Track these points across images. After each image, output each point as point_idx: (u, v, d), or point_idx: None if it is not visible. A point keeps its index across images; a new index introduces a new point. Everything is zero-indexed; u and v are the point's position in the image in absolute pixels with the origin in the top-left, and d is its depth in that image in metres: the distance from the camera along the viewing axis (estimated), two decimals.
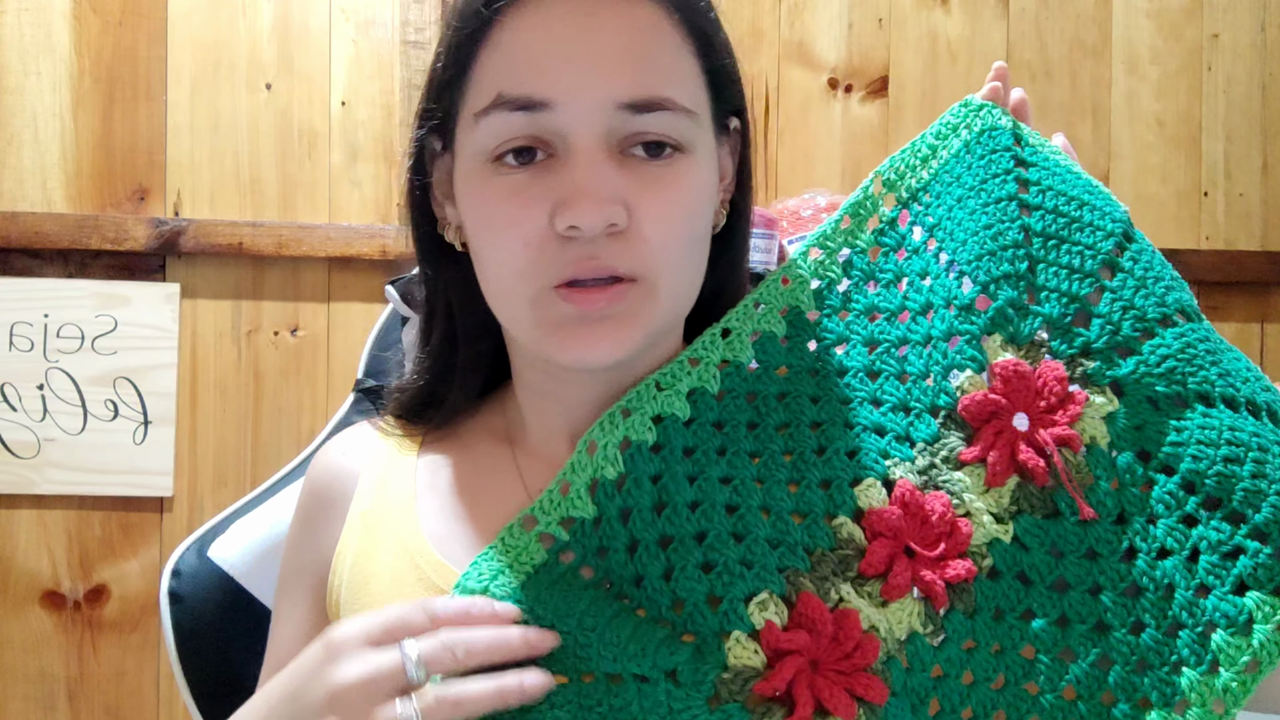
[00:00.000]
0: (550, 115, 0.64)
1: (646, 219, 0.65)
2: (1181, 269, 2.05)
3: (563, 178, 0.64)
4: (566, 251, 0.64)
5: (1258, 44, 2.07)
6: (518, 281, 0.66)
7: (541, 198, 0.65)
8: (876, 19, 1.99)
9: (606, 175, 0.64)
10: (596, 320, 0.65)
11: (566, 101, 0.64)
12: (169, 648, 0.88)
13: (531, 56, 0.65)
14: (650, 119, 0.65)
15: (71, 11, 1.85)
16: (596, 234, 0.64)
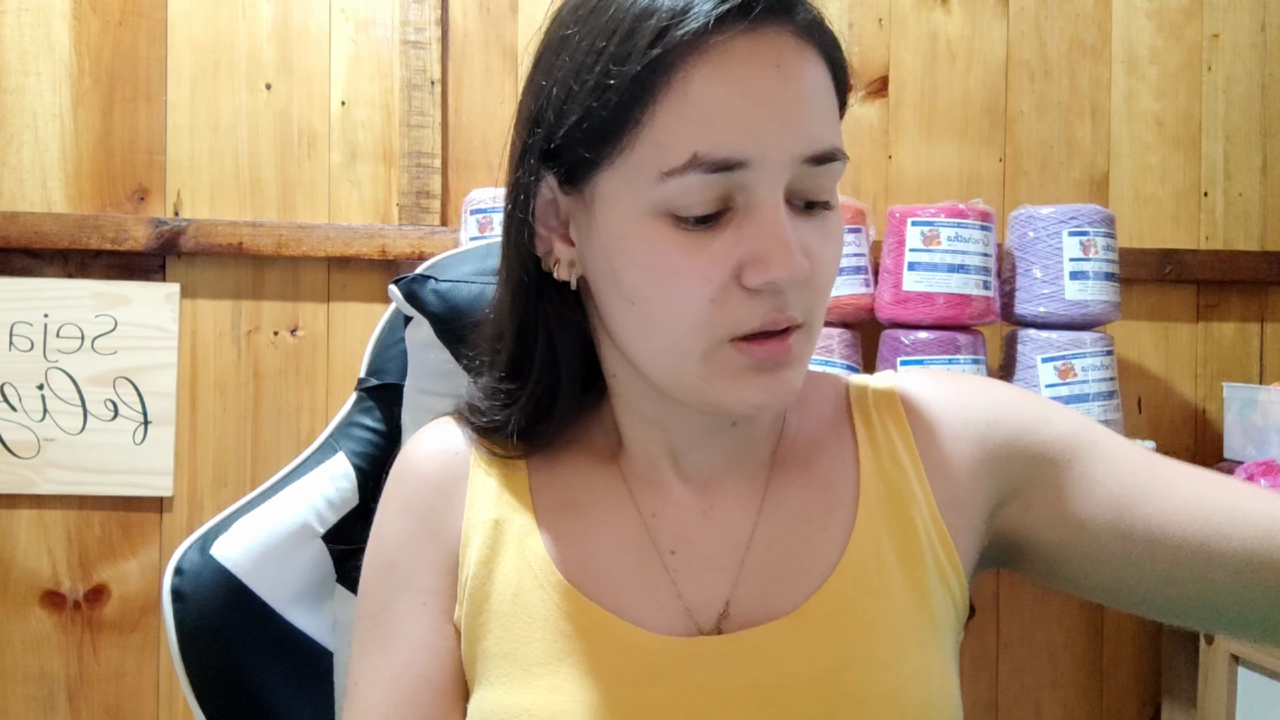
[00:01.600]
0: (743, 174, 0.64)
1: (818, 270, 0.67)
2: (1180, 269, 2.08)
3: (749, 233, 0.64)
4: (753, 305, 0.65)
5: (1258, 44, 2.07)
6: (693, 334, 0.66)
7: (728, 252, 0.65)
8: (876, 19, 1.99)
9: (792, 228, 0.65)
10: (771, 369, 0.67)
11: (761, 158, 0.64)
12: (171, 645, 0.88)
13: (728, 114, 0.63)
14: (825, 170, 0.66)
15: (71, 11, 1.84)
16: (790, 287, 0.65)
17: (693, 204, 0.64)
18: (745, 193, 0.64)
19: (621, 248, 0.67)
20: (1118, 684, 2.05)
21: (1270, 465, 1.78)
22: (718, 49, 0.63)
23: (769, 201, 0.64)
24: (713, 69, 0.63)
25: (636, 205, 0.66)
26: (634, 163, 0.65)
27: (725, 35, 0.63)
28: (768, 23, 0.64)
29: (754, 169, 0.63)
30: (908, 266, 1.73)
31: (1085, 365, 1.74)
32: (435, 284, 0.95)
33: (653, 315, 0.67)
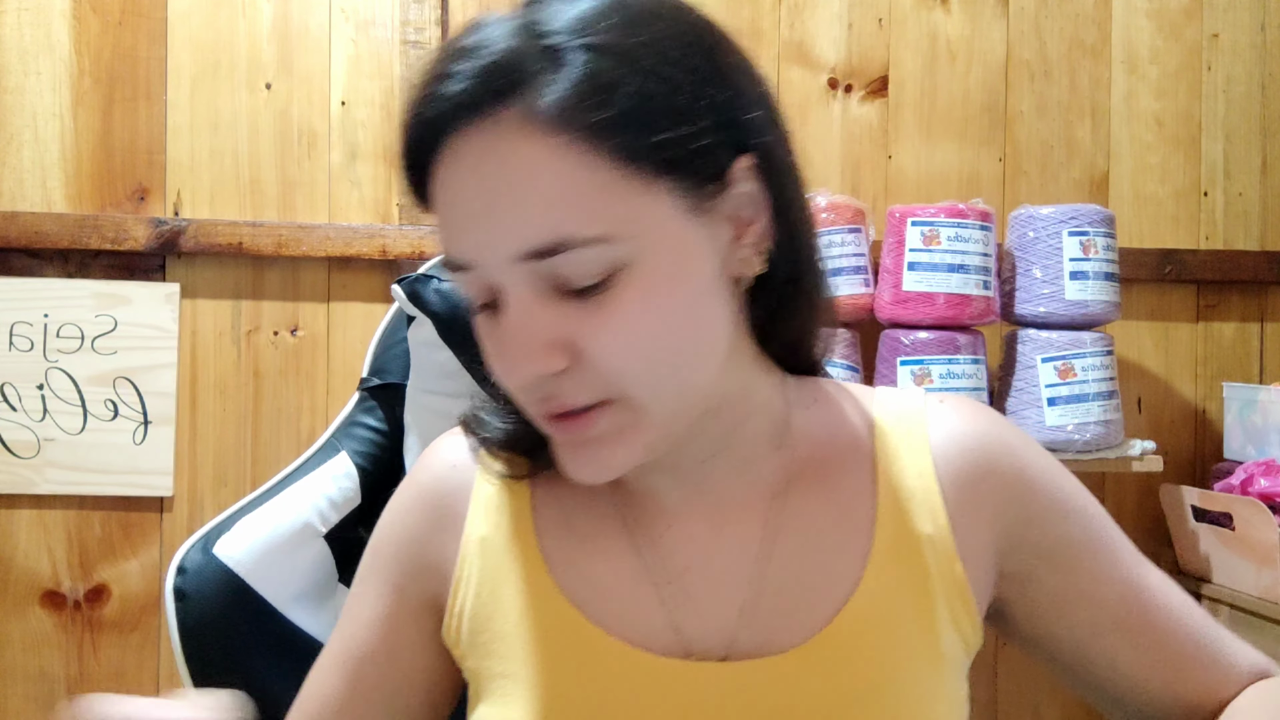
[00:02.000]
0: (476, 274, 0.64)
1: (596, 352, 0.62)
2: (1180, 269, 2.08)
3: (503, 327, 0.64)
4: (530, 393, 0.65)
5: (1257, 44, 2.07)
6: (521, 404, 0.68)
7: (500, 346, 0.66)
8: (876, 19, 2.00)
9: (536, 325, 0.62)
10: (582, 444, 0.65)
11: (479, 260, 0.63)
12: (173, 644, 0.88)
13: (446, 221, 0.65)
14: (557, 262, 0.61)
15: (71, 11, 1.84)
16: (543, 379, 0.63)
17: (469, 296, 0.66)
18: (499, 290, 0.64)
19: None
20: None
21: (1270, 465, 1.78)
22: (447, 152, 0.63)
23: (509, 299, 0.63)
24: (441, 173, 0.64)
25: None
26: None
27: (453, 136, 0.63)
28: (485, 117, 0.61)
29: (477, 270, 0.64)
30: (907, 266, 1.73)
31: (1085, 365, 1.74)
32: (438, 284, 0.95)
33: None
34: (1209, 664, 0.77)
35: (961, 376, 1.70)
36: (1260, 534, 1.71)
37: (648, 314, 0.63)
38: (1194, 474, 2.05)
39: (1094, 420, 1.74)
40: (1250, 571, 1.75)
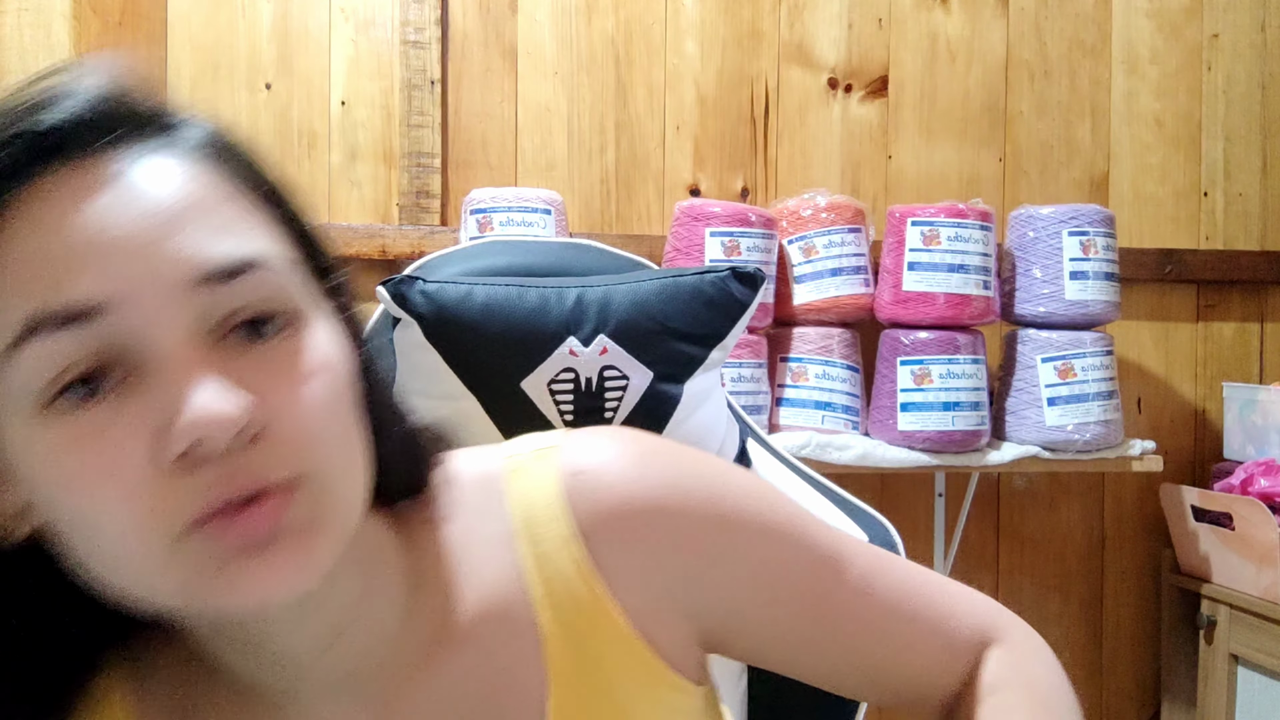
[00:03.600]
0: (111, 320, 0.48)
1: (284, 413, 0.51)
2: (1180, 268, 2.08)
3: (154, 392, 0.49)
4: (194, 480, 0.48)
5: (1258, 44, 2.07)
6: (137, 542, 0.49)
7: (136, 428, 0.48)
8: (876, 19, 2.00)
9: (216, 369, 0.49)
10: (266, 544, 0.50)
11: (127, 295, 0.49)
12: None
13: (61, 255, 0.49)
14: (242, 284, 0.51)
15: (71, 12, 1.84)
16: (226, 445, 0.49)
17: (49, 380, 0.48)
18: (133, 349, 0.49)
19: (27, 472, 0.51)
20: (1117, 684, 2.05)
21: (1270, 465, 1.78)
22: (44, 190, 0.50)
23: (164, 345, 0.49)
24: (38, 212, 0.50)
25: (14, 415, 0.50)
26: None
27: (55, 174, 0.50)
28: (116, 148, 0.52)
29: (124, 311, 0.49)
30: (908, 266, 1.73)
31: (1085, 365, 1.74)
32: (423, 285, 0.95)
33: (86, 539, 0.51)
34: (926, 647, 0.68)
35: (961, 376, 1.70)
36: (1260, 534, 1.71)
37: (325, 372, 0.53)
38: (1194, 474, 2.05)
39: (1094, 420, 1.73)
40: (1250, 571, 1.75)
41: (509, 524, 0.64)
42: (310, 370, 0.52)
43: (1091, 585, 2.04)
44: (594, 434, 0.67)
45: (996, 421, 1.81)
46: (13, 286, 0.49)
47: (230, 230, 0.52)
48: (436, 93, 1.88)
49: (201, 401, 0.48)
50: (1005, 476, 2.01)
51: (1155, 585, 2.04)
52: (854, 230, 1.79)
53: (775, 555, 0.66)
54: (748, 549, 0.65)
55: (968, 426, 1.70)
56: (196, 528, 0.49)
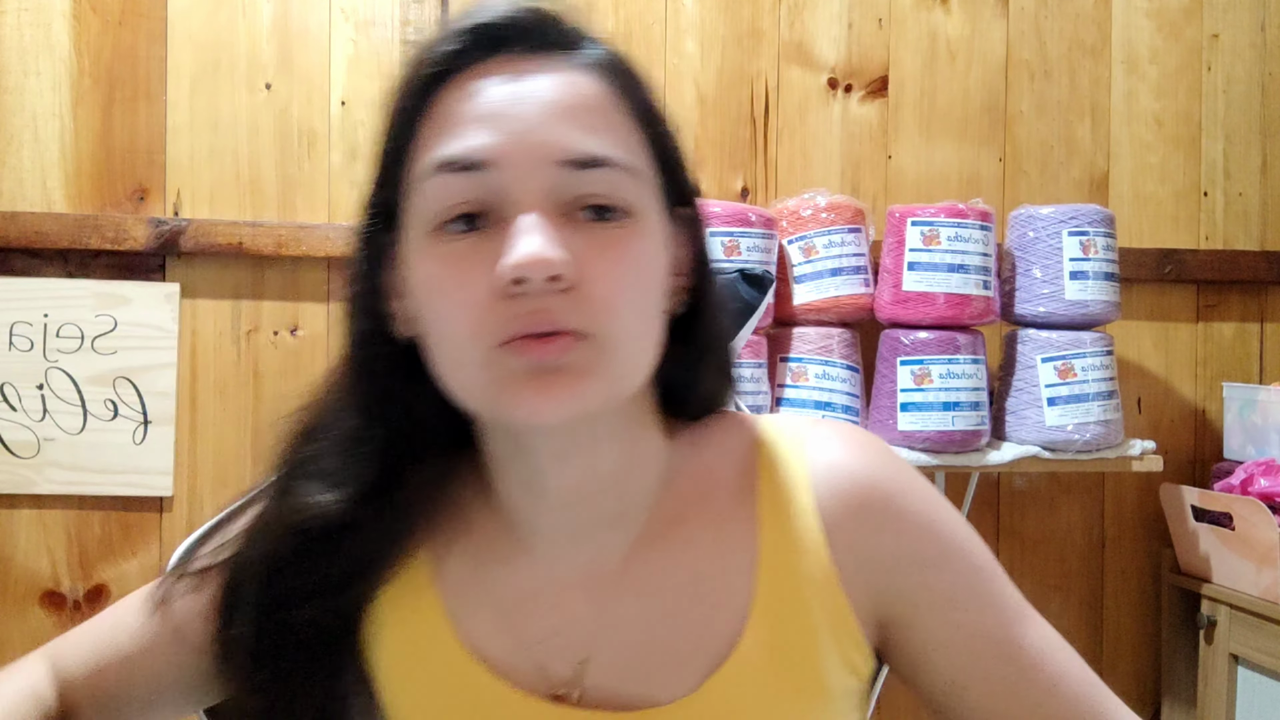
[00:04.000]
0: (491, 175, 0.63)
1: (594, 278, 0.63)
2: (1180, 269, 2.08)
3: (504, 237, 0.63)
4: (513, 308, 0.62)
5: (1257, 44, 2.07)
6: (468, 345, 0.64)
7: (487, 258, 0.63)
8: (876, 19, 1.99)
9: (551, 229, 0.62)
10: (550, 371, 0.62)
11: (505, 160, 0.63)
12: None
13: (470, 120, 0.65)
14: (595, 175, 0.64)
15: (71, 11, 1.84)
16: (541, 286, 0.62)
17: (444, 211, 0.64)
18: (501, 200, 0.64)
19: (410, 277, 0.68)
20: (1118, 684, 2.04)
21: (1270, 465, 1.78)
22: (472, 72, 0.66)
23: (522, 203, 0.63)
24: (460, 88, 0.66)
25: (414, 232, 0.67)
26: (406, 189, 0.68)
27: (483, 62, 0.67)
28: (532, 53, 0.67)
29: (501, 170, 0.63)
30: (907, 266, 1.73)
31: (1085, 365, 1.74)
32: None
33: (438, 335, 0.66)
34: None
35: (961, 376, 1.70)
36: (1260, 534, 1.71)
37: (639, 263, 0.66)
38: (1194, 474, 2.05)
39: (1094, 420, 1.74)
40: (1250, 571, 1.75)
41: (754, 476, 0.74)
42: (627, 256, 0.65)
43: (1092, 585, 2.04)
44: (841, 426, 0.78)
45: (996, 421, 1.81)
46: (435, 134, 0.65)
47: (598, 132, 0.65)
48: None
49: (527, 244, 0.61)
50: (1005, 476, 2.01)
51: (1155, 585, 2.04)
52: (854, 230, 1.79)
53: (974, 583, 0.74)
54: (954, 565, 0.73)
55: (968, 426, 1.70)
56: (504, 346, 0.62)
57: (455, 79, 0.66)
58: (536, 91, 0.65)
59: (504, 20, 0.67)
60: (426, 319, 0.67)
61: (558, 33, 0.69)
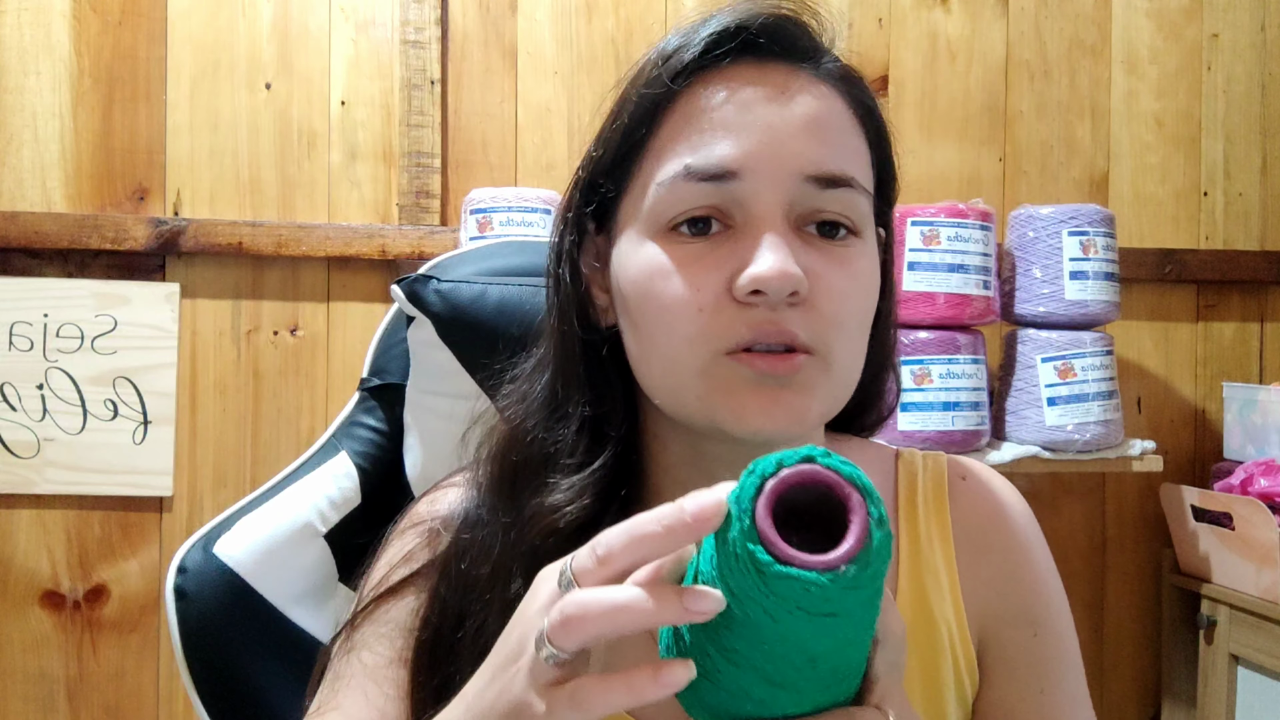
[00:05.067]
0: (736, 185, 0.64)
1: (824, 292, 0.64)
2: (1180, 268, 2.08)
3: (744, 244, 0.63)
4: (746, 315, 0.62)
5: (1257, 44, 2.07)
6: (688, 348, 0.63)
7: (721, 263, 0.63)
8: (876, 19, 1.99)
9: (791, 243, 0.63)
10: (775, 386, 0.63)
11: (754, 171, 0.63)
12: (174, 644, 0.88)
13: (720, 126, 0.65)
14: (834, 195, 0.65)
15: (71, 11, 1.84)
16: (780, 298, 0.62)
17: (682, 214, 0.65)
18: (742, 208, 0.64)
19: (625, 270, 0.68)
20: (1118, 684, 2.05)
21: (1270, 465, 1.78)
22: (721, 73, 0.66)
23: (764, 215, 0.63)
24: (713, 88, 0.66)
25: (639, 225, 0.67)
26: (640, 183, 0.67)
27: (733, 64, 0.66)
28: (780, 59, 0.67)
29: (746, 180, 0.63)
30: (908, 266, 1.73)
31: (1085, 365, 1.74)
32: (438, 284, 0.95)
33: (652, 332, 0.66)
34: None
35: (961, 376, 1.70)
36: (1260, 534, 1.71)
37: (862, 281, 0.67)
38: (1194, 474, 2.05)
39: (1094, 420, 1.74)
40: (1250, 571, 1.75)
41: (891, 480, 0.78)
42: (853, 273, 0.66)
43: (1093, 585, 2.04)
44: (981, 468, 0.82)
45: (996, 421, 1.81)
46: (683, 136, 0.66)
47: (839, 148, 0.66)
48: (436, 92, 1.88)
49: (774, 259, 0.61)
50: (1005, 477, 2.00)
51: (1155, 585, 2.04)
52: None
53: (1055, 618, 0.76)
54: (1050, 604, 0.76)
55: (968, 426, 1.70)
56: (731, 356, 0.63)
57: (704, 76, 0.66)
58: (792, 104, 0.65)
59: (757, 23, 0.67)
60: (643, 316, 0.66)
61: (805, 39, 0.69)
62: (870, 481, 0.46)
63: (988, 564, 0.75)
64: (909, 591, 0.73)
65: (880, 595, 0.47)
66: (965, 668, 0.73)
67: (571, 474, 0.70)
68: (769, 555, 0.44)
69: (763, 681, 0.47)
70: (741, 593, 0.45)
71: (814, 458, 0.46)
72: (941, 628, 0.72)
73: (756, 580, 0.44)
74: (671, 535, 0.46)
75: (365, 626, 0.74)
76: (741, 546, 0.45)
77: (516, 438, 0.73)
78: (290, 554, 0.92)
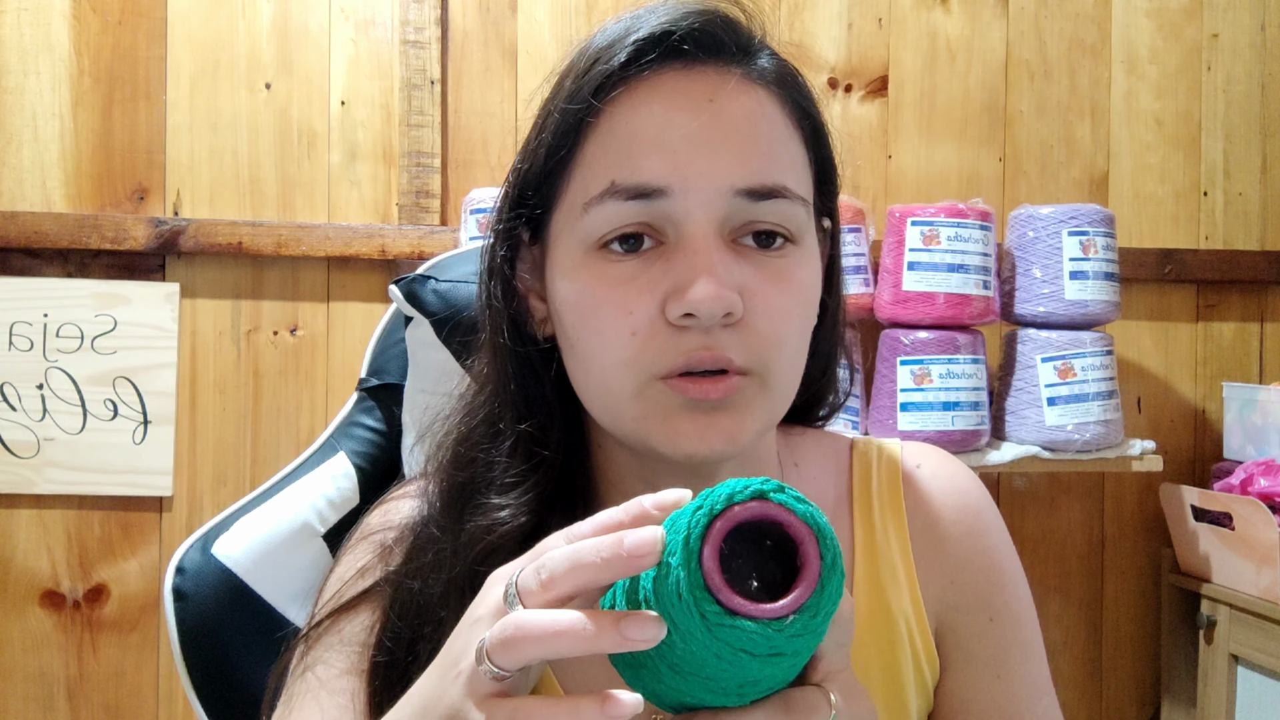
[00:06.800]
0: (665, 202, 0.62)
1: (760, 311, 0.63)
2: (1180, 268, 2.08)
3: (676, 264, 0.62)
4: (679, 341, 0.61)
5: (1257, 44, 2.07)
6: (621, 371, 0.63)
7: (653, 285, 0.62)
8: (876, 19, 1.99)
9: (725, 262, 0.61)
10: (710, 410, 0.62)
11: (683, 187, 0.62)
12: (172, 644, 0.88)
13: (647, 142, 0.63)
14: (767, 206, 0.63)
15: (71, 11, 1.84)
16: (713, 322, 0.61)
17: (613, 232, 0.63)
18: (673, 225, 0.62)
19: (560, 288, 0.66)
20: (1117, 684, 2.05)
21: (1270, 465, 1.78)
22: (646, 83, 0.64)
23: (695, 233, 0.62)
24: (639, 100, 0.64)
25: (571, 243, 0.65)
26: (569, 200, 0.66)
27: (657, 72, 0.64)
28: (708, 63, 0.65)
29: (676, 198, 0.62)
30: (907, 266, 1.73)
31: (1085, 365, 1.74)
32: (435, 284, 0.95)
33: (585, 354, 0.65)
34: None
35: (961, 376, 1.70)
36: (1260, 534, 1.71)
37: (801, 292, 0.66)
38: (1194, 474, 2.05)
39: (1094, 420, 1.73)
40: (1250, 571, 1.75)
41: (846, 473, 0.77)
42: (790, 287, 0.64)
43: (1091, 585, 2.04)
44: (936, 453, 0.80)
45: (996, 421, 1.81)
46: (609, 152, 0.63)
47: (774, 157, 0.64)
48: (436, 92, 1.88)
49: (705, 283, 0.60)
50: (1005, 476, 2.01)
51: (1155, 585, 2.04)
52: (854, 230, 1.79)
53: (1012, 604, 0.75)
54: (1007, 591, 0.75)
55: (967, 426, 1.70)
56: (665, 380, 0.62)
57: (629, 86, 0.64)
58: (719, 117, 0.63)
59: (683, 28, 0.64)
60: (578, 336, 0.65)
61: (734, 37, 0.67)
62: (824, 519, 0.45)
63: (943, 552, 0.75)
64: (865, 584, 0.73)
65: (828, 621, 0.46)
66: (925, 657, 0.73)
67: (507, 493, 0.69)
68: (715, 605, 0.43)
69: (707, 693, 0.46)
70: (684, 628, 0.44)
71: (766, 494, 0.45)
72: (899, 619, 0.72)
73: (700, 624, 0.43)
74: (609, 568, 0.45)
75: (319, 643, 0.73)
76: (687, 590, 0.43)
77: (459, 454, 0.72)
78: (289, 554, 0.92)
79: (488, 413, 0.72)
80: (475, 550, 0.67)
